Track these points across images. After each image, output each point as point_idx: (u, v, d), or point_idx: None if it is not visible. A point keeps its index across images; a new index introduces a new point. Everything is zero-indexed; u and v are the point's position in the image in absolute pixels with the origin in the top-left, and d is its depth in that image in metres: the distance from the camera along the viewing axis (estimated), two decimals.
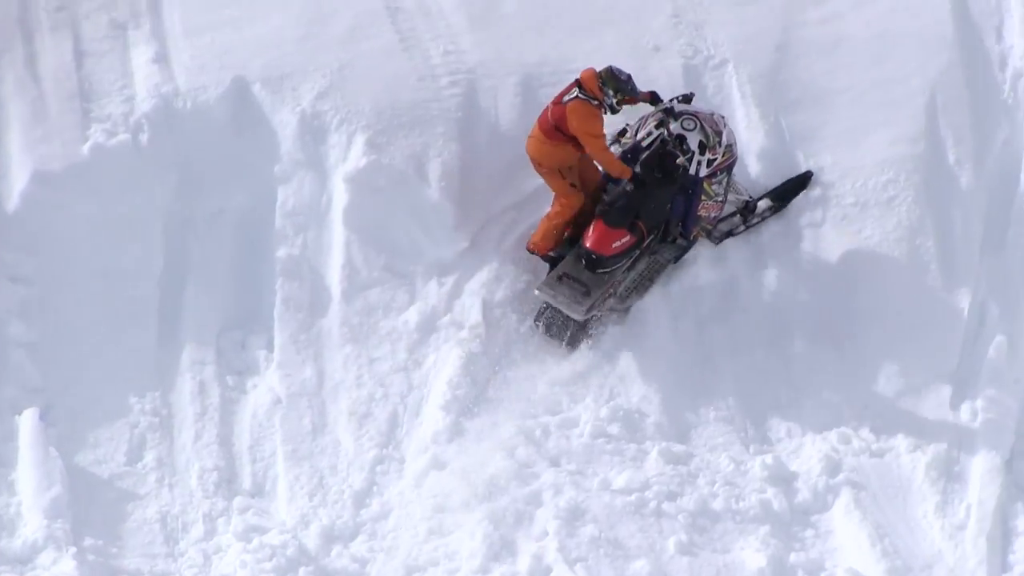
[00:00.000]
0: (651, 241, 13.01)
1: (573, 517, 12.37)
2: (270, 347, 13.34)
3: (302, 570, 11.98)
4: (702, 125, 12.80)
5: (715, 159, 12.91)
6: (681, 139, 12.82)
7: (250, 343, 13.37)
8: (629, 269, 13.02)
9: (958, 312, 13.83)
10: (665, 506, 12.58)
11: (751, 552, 12.45)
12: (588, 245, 12.79)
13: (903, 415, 13.41)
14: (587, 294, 12.67)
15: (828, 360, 13.60)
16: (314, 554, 12.15)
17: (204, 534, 12.30)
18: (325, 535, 12.29)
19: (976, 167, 14.30)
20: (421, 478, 12.64)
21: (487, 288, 13.58)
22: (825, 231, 14.02)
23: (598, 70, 12.81)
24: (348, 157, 13.81)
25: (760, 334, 13.64)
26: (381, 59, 14.19)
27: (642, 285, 13.16)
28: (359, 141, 13.82)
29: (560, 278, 12.80)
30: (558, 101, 12.85)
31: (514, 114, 14.08)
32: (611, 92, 12.68)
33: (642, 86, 13.10)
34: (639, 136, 13.10)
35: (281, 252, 13.61)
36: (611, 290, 12.89)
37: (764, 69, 14.41)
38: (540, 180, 13.41)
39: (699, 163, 12.93)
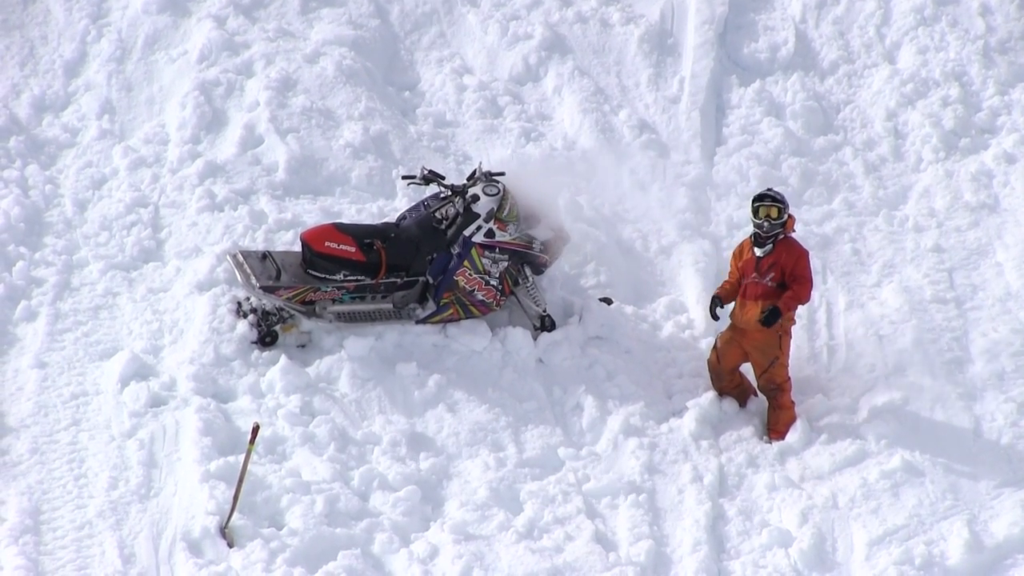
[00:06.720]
0: (393, 285, 11.48)
1: (285, 87, 12.50)
2: None
3: (13, 139, 12.00)
4: (507, 198, 11.42)
5: (502, 235, 11.48)
6: (474, 198, 11.40)
7: None
8: (354, 297, 11.62)
9: None
10: None
11: None
12: (304, 235, 11.07)
13: None
14: (275, 278, 10.94)
15: None
16: (25, 123, 12.19)
17: None
18: (36, 105, 12.31)
19: None
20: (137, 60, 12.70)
21: None
22: None
23: None
24: None
25: None
26: None
27: (359, 318, 11.23)
28: None
29: (266, 255, 11.07)
30: None
31: None
32: None
33: None
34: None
35: None
36: (306, 294, 11.05)
37: None
38: None
39: (479, 228, 11.56)
